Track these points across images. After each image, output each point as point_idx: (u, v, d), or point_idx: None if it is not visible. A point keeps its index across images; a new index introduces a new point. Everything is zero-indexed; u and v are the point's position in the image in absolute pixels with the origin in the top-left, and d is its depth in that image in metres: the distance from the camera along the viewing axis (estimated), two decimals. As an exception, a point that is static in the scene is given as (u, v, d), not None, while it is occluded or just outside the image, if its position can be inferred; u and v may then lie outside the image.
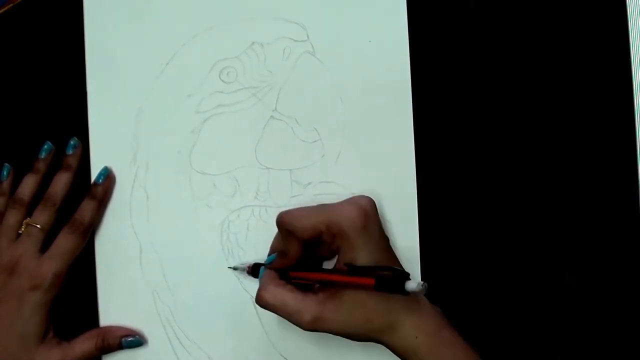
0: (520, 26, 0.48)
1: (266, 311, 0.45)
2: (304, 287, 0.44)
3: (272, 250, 0.47)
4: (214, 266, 0.49)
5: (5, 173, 0.50)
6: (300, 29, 0.49)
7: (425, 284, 0.39)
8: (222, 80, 0.49)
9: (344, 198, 0.45)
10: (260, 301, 0.43)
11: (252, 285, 0.48)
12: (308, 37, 0.49)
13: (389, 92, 0.48)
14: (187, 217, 0.49)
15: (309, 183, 0.48)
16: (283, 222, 0.43)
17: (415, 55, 0.48)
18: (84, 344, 0.48)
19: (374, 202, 0.43)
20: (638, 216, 0.47)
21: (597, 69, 0.47)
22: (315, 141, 0.48)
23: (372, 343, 0.42)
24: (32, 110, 0.51)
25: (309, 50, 0.48)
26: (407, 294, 0.39)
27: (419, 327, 0.41)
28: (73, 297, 0.48)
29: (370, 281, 0.40)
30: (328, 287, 0.42)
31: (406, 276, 0.40)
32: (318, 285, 0.43)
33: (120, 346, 0.48)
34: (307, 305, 0.41)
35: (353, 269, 0.41)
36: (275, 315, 0.43)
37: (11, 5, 0.52)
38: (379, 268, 0.41)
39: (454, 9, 0.48)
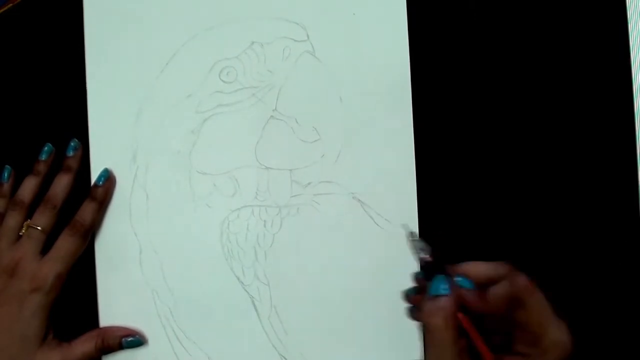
0: (520, 28, 0.48)
1: (266, 311, 0.45)
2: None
3: (475, 274, 0.38)
4: (214, 266, 0.49)
5: (5, 175, 0.50)
6: (300, 29, 0.49)
7: None
8: (222, 80, 0.49)
9: (344, 198, 0.46)
10: (428, 318, 0.36)
11: (252, 285, 0.48)
12: (308, 37, 0.49)
13: (389, 92, 0.48)
14: (187, 217, 0.49)
15: (309, 183, 0.48)
16: (531, 291, 0.36)
17: (415, 55, 0.48)
18: (84, 344, 0.48)
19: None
20: (638, 219, 0.47)
21: (597, 72, 0.47)
22: (315, 141, 0.48)
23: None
24: (32, 112, 0.51)
25: (309, 50, 0.49)
26: None
27: None
28: (73, 298, 0.48)
29: None
30: None
31: None
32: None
33: (120, 346, 0.48)
34: None
35: None
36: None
37: (11, 5, 0.52)
38: None
39: (454, 9, 0.48)
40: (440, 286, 0.37)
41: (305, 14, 0.49)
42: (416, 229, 0.47)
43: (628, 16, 0.47)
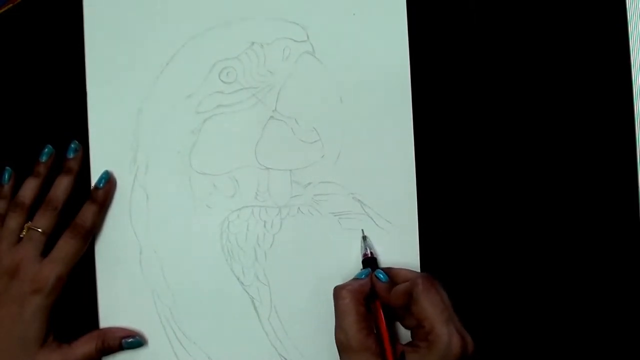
0: (520, 29, 0.48)
1: (266, 312, 0.45)
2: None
3: (395, 273, 0.46)
4: (214, 266, 0.49)
5: (6, 176, 0.50)
6: (300, 29, 0.49)
7: None
8: (222, 81, 0.49)
9: (344, 198, 0.46)
10: (336, 294, 0.44)
11: (252, 285, 0.48)
12: (308, 37, 0.49)
13: (389, 92, 0.48)
14: (187, 217, 0.49)
15: (309, 183, 0.48)
16: (423, 290, 0.42)
17: (415, 55, 0.48)
18: (84, 346, 0.48)
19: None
20: (638, 221, 0.47)
21: (597, 74, 0.47)
22: (315, 141, 0.48)
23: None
24: (33, 113, 0.51)
25: (308, 50, 0.48)
26: None
27: None
28: (73, 299, 0.48)
29: None
30: (378, 344, 0.42)
31: None
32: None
33: (120, 347, 0.48)
34: (353, 336, 0.42)
35: None
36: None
37: (11, 5, 0.52)
38: None
39: (454, 9, 0.48)
40: (363, 274, 0.45)
41: (305, 14, 0.49)
42: (415, 232, 0.47)
43: (628, 18, 0.47)
